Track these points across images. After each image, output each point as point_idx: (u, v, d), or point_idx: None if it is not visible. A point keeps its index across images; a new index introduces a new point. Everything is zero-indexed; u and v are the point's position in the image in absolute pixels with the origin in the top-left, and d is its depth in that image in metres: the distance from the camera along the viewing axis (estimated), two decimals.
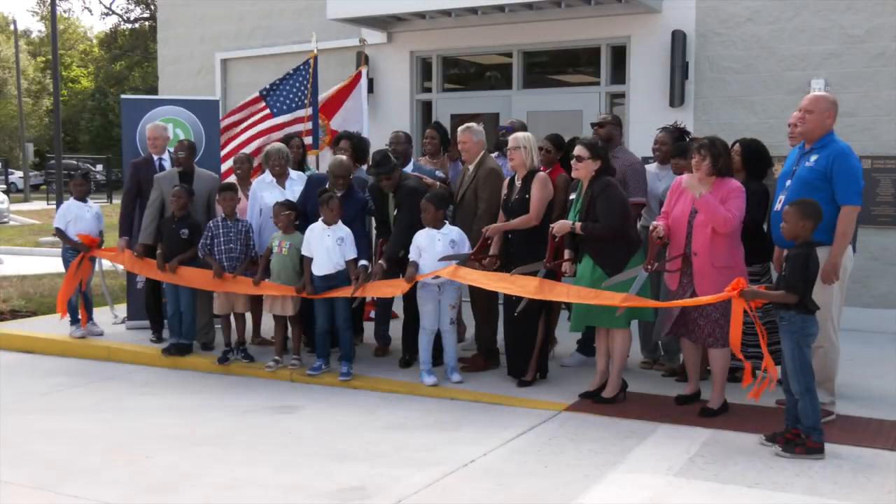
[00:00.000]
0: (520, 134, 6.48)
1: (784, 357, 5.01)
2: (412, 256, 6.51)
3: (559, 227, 5.95)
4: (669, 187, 6.00)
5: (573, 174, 6.05)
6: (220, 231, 7.13)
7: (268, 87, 9.26)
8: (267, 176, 7.58)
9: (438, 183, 7.22)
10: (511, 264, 6.30)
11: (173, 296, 7.46)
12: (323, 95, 9.35)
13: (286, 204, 7.01)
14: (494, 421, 5.72)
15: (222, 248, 7.11)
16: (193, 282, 7.26)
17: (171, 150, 8.10)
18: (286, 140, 8.14)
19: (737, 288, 5.00)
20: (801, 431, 4.97)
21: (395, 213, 6.86)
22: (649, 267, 5.62)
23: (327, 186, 6.84)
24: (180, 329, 7.48)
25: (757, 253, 5.96)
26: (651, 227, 5.67)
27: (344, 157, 7.05)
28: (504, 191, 6.55)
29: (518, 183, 6.41)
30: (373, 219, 7.43)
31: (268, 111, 9.30)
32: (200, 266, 7.24)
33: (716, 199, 5.46)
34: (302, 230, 6.87)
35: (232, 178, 8.01)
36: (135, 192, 8.01)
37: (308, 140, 8.84)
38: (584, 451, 5.09)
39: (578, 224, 5.85)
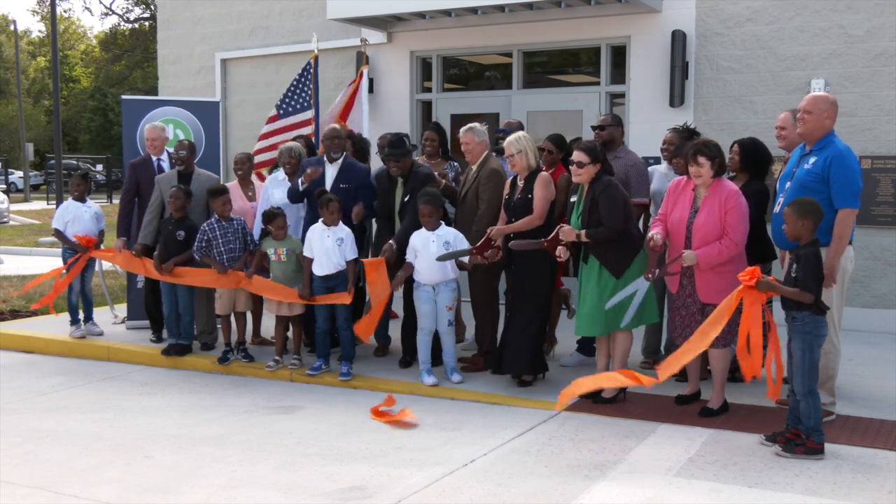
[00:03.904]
0: (512, 138, 6.38)
1: (793, 357, 4.99)
2: (408, 257, 6.52)
3: (566, 234, 5.92)
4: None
5: (574, 180, 6.01)
6: (218, 233, 7.12)
7: (279, 101, 9.42)
8: (280, 174, 7.59)
9: (444, 182, 7.21)
10: (513, 264, 6.31)
11: (170, 297, 7.46)
12: (338, 100, 9.45)
13: (272, 212, 7.01)
14: (494, 421, 5.72)
15: (222, 248, 7.10)
16: (197, 280, 7.26)
17: (171, 150, 8.11)
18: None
19: (754, 277, 4.82)
20: (801, 432, 4.97)
21: (405, 199, 6.81)
22: (650, 276, 5.60)
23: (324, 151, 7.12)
24: (178, 329, 7.48)
25: (758, 253, 5.92)
26: (647, 238, 5.63)
27: (336, 125, 7.46)
28: (506, 190, 6.55)
29: (520, 183, 6.40)
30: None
31: (274, 112, 9.36)
32: (198, 267, 7.24)
33: (714, 202, 5.46)
34: (305, 224, 6.89)
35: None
36: (133, 192, 8.01)
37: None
38: (584, 451, 5.10)
39: (583, 232, 5.83)
